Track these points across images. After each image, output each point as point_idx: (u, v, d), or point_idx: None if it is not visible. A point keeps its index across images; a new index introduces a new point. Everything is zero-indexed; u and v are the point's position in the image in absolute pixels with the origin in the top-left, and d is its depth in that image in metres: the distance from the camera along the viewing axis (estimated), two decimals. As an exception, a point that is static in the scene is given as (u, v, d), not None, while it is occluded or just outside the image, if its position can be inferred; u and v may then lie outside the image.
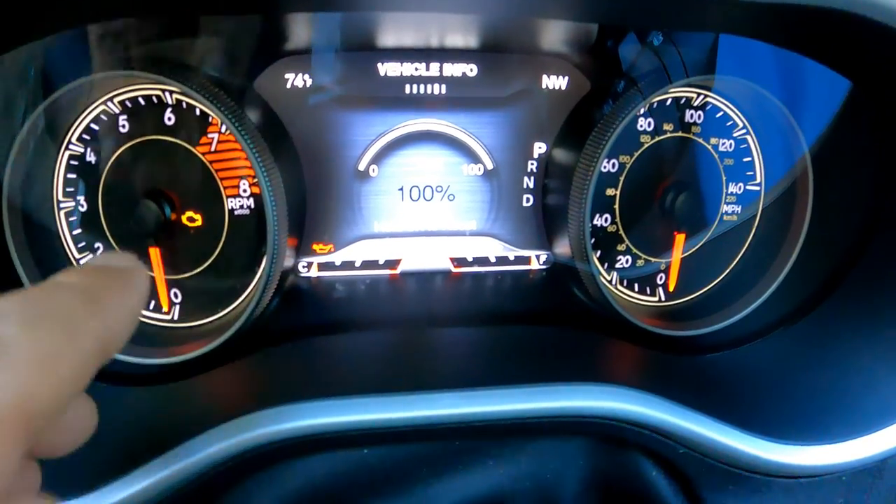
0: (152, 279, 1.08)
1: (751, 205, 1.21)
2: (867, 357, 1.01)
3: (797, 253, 1.17)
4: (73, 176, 1.05)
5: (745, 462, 0.90)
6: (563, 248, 1.18)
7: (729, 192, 1.20)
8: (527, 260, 1.27)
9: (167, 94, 1.04)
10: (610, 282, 1.21)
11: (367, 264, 1.23)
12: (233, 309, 1.12)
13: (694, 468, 0.93)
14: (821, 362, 1.05)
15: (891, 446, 0.90)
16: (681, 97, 1.14)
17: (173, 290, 1.11)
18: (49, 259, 1.05)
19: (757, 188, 1.20)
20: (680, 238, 1.17)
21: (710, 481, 0.94)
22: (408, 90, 1.16)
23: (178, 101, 1.04)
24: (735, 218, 1.21)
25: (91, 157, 1.04)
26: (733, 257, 1.24)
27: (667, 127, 1.14)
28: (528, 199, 1.24)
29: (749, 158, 1.19)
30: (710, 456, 0.91)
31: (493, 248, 1.25)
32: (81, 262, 1.08)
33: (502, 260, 1.26)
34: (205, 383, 1.02)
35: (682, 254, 1.20)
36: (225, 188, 1.08)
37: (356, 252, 1.22)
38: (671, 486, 0.96)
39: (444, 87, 1.17)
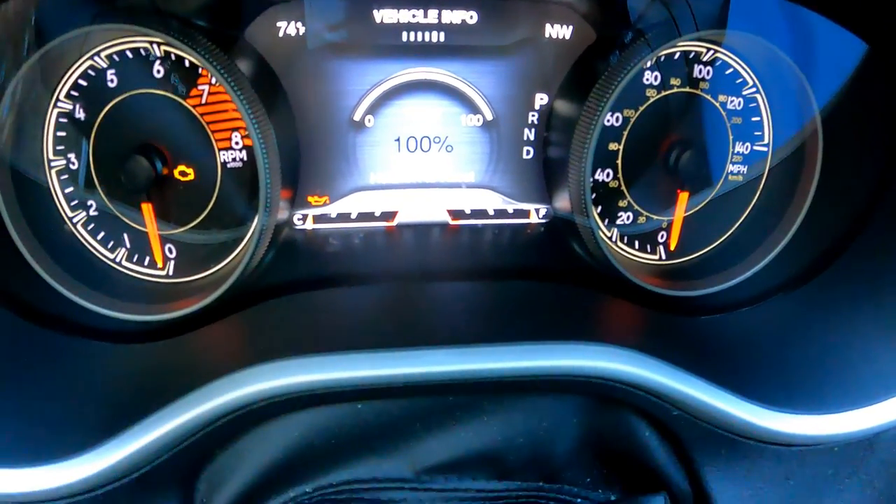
0: (146, 235, 1.07)
1: (757, 165, 1.19)
2: (867, 327, 1.00)
3: (802, 217, 1.15)
4: (63, 133, 1.03)
5: (738, 427, 0.90)
6: (563, 202, 1.15)
7: (735, 151, 1.17)
8: (526, 213, 1.24)
9: (154, 46, 1.00)
10: (610, 238, 1.20)
11: (363, 216, 1.21)
12: (227, 263, 1.11)
13: (687, 431, 0.93)
14: (820, 330, 1.05)
15: (885, 420, 0.89)
16: (690, 51, 1.10)
17: (167, 246, 1.09)
18: (41, 219, 1.04)
19: (764, 148, 1.18)
20: (683, 196, 1.15)
21: (702, 444, 0.94)
22: (405, 37, 1.12)
23: (167, 54, 1.01)
24: (740, 178, 1.19)
25: (80, 114, 1.02)
26: (737, 218, 1.22)
27: (674, 82, 1.11)
28: (528, 152, 1.21)
29: (757, 118, 1.16)
30: (703, 419, 0.91)
31: (491, 201, 1.23)
32: (74, 220, 1.07)
33: (501, 213, 1.24)
34: (200, 339, 1.02)
35: (685, 212, 1.18)
36: (217, 141, 1.06)
37: (352, 204, 1.20)
38: (664, 448, 0.97)
39: (442, 34, 1.12)
